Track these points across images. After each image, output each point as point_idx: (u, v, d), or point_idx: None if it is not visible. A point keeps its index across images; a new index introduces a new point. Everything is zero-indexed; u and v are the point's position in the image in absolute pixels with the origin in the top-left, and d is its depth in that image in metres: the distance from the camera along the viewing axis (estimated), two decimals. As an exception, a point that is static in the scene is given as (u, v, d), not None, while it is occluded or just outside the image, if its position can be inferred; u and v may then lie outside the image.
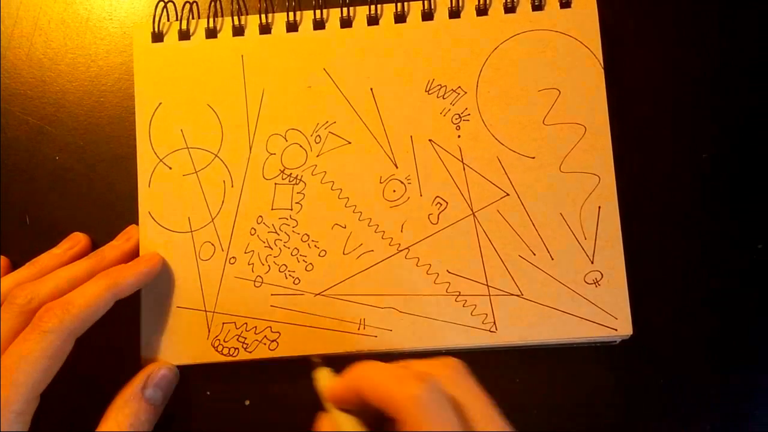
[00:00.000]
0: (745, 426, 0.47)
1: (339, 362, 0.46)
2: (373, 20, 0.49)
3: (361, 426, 0.37)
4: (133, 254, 0.48)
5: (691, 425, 0.47)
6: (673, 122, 0.50)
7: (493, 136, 0.47)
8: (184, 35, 0.49)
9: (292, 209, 0.48)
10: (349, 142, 0.48)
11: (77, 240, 0.49)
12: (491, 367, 0.48)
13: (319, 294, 0.47)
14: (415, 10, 0.49)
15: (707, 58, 0.50)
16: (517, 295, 0.46)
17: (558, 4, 0.48)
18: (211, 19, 0.49)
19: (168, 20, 0.50)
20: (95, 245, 0.50)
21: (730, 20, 0.50)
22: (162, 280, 0.47)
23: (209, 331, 0.47)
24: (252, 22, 0.49)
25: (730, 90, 0.50)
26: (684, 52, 0.50)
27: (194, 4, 0.50)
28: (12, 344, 0.40)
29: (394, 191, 0.48)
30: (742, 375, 0.48)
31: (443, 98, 0.48)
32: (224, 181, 0.48)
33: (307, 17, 0.49)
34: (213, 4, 0.50)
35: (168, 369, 0.46)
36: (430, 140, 0.48)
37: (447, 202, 0.47)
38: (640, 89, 0.50)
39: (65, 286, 0.43)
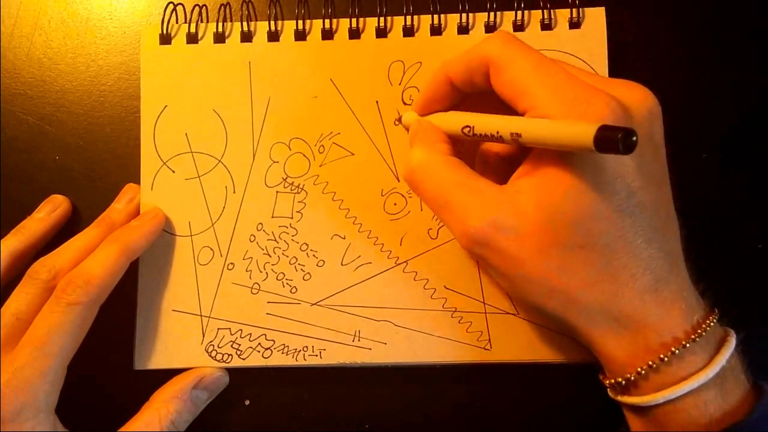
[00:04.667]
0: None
1: (334, 373, 0.54)
2: (381, 33, 0.56)
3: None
4: (137, 214, 0.55)
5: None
6: (678, 153, 0.54)
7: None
8: (192, 38, 0.56)
9: (292, 218, 0.55)
10: (353, 154, 0.55)
11: (58, 202, 0.56)
12: (486, 382, 0.54)
13: (315, 304, 0.54)
14: (424, 25, 0.56)
15: (713, 74, 0.56)
16: (513, 314, 0.53)
17: (567, 25, 0.55)
18: (220, 24, 0.56)
19: (177, 22, 0.57)
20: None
21: (739, 45, 0.56)
22: (159, 282, 0.54)
23: (204, 336, 0.54)
24: (261, 28, 0.56)
25: (730, 92, 0.56)
26: (691, 72, 0.56)
27: (203, 7, 0.57)
28: (38, 317, 0.47)
29: (395, 204, 0.54)
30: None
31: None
32: (226, 187, 0.55)
33: (316, 26, 0.56)
34: (222, 8, 0.57)
35: (223, 374, 0.54)
36: (433, 155, 0.55)
37: (447, 218, 0.55)
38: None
39: (83, 258, 0.50)
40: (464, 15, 0.56)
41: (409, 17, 0.56)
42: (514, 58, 0.43)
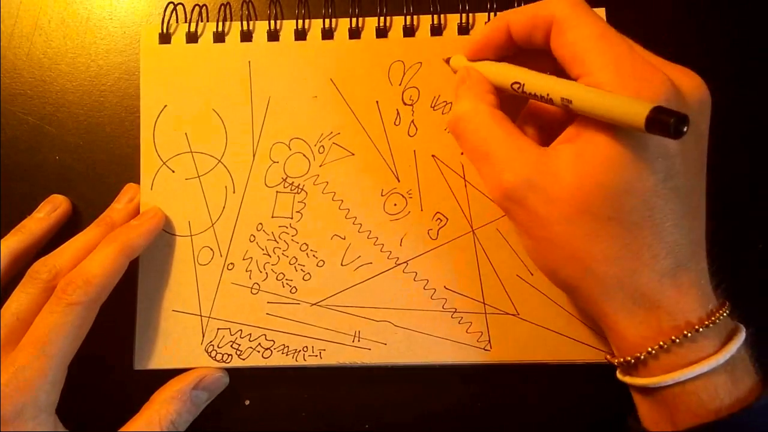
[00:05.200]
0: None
1: (334, 373, 0.55)
2: (381, 33, 0.56)
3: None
4: (137, 213, 0.55)
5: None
6: None
7: (497, 154, 0.55)
8: (192, 38, 0.57)
9: (292, 218, 0.55)
10: (353, 154, 0.55)
11: (58, 202, 0.57)
12: (486, 382, 0.55)
13: (315, 304, 0.54)
14: (424, 25, 0.56)
15: (713, 74, 0.56)
16: (513, 315, 0.54)
17: None
18: (220, 23, 0.57)
19: (177, 22, 0.57)
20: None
21: (739, 45, 0.57)
22: (159, 282, 0.55)
23: (203, 336, 0.54)
24: (260, 27, 0.57)
25: (730, 91, 0.55)
26: None
27: (203, 7, 0.58)
28: (38, 317, 0.48)
29: (395, 205, 0.55)
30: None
31: (448, 114, 0.55)
32: (226, 187, 0.55)
33: (315, 26, 0.57)
34: (222, 7, 0.57)
35: (222, 374, 0.54)
36: (433, 155, 0.55)
37: (447, 218, 0.55)
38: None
39: (84, 257, 0.51)
40: (464, 15, 0.56)
41: (409, 17, 0.56)
42: (579, 21, 0.42)
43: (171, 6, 0.57)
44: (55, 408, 0.48)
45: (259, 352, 0.54)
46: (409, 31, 0.56)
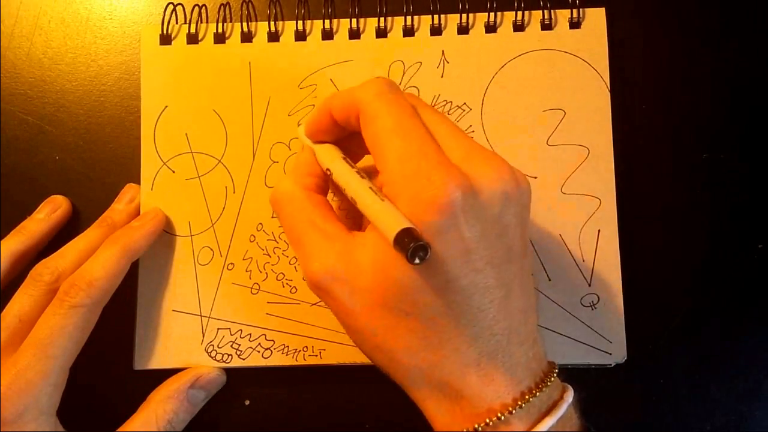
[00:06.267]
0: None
1: (334, 373, 0.55)
2: (381, 33, 0.57)
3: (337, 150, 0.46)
4: (137, 214, 0.56)
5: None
6: (678, 153, 0.56)
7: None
8: (193, 39, 0.57)
9: (292, 218, 0.56)
10: None
11: (58, 203, 0.57)
12: None
13: (315, 304, 0.54)
14: (424, 25, 0.56)
15: (713, 74, 0.57)
16: None
17: (567, 24, 0.56)
18: (220, 24, 0.57)
19: (177, 23, 0.58)
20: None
21: (738, 45, 0.57)
22: (159, 282, 0.55)
23: (203, 336, 0.54)
24: (261, 29, 0.57)
25: (730, 91, 0.57)
26: (691, 71, 0.57)
27: (203, 7, 0.58)
28: (41, 319, 0.48)
29: None
30: (745, 378, 0.54)
31: (448, 114, 0.55)
32: (226, 187, 0.56)
33: (316, 27, 0.57)
34: (222, 8, 0.58)
35: (219, 373, 0.55)
36: (433, 155, 0.56)
37: (447, 218, 0.55)
38: (645, 111, 0.56)
39: (85, 259, 0.51)
40: (464, 15, 0.56)
41: (409, 17, 0.57)
42: (378, 113, 0.41)
43: (171, 6, 0.58)
44: (56, 409, 0.48)
45: (259, 352, 0.54)
46: (409, 31, 0.57)
